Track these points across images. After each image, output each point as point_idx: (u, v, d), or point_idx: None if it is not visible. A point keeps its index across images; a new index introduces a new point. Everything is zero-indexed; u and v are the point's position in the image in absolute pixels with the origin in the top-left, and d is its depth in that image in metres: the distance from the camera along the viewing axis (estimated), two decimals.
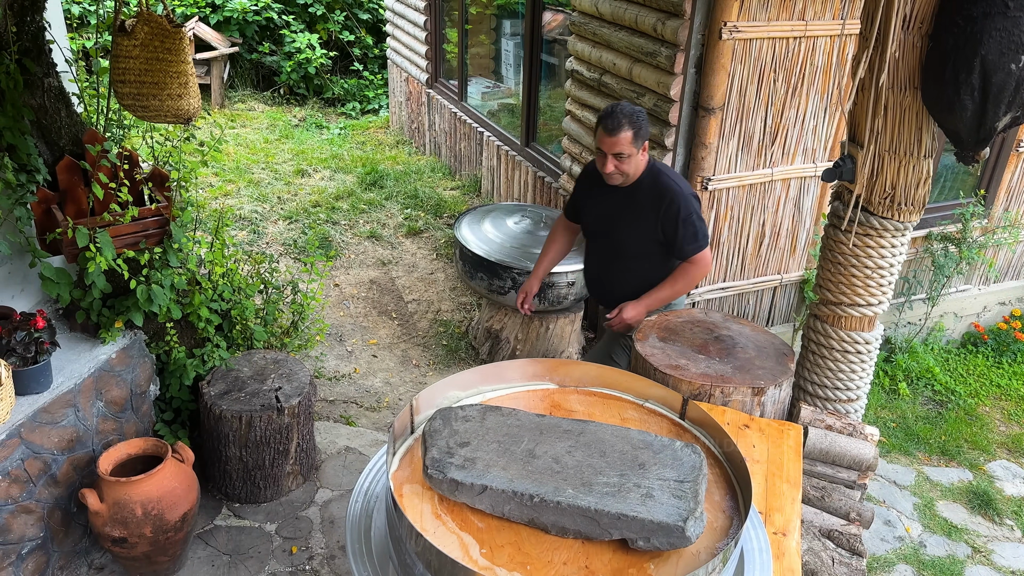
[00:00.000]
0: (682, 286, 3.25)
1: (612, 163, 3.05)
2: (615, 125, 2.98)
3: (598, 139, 3.05)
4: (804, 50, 3.99)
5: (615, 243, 3.31)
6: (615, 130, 2.99)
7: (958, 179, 5.14)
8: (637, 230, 3.24)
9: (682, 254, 3.22)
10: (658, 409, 2.13)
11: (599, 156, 3.09)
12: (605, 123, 3.00)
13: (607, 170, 3.07)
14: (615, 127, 2.98)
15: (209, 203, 6.48)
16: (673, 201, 3.13)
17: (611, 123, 2.98)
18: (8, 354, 2.88)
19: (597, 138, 3.06)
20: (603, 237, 3.36)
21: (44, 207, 3.10)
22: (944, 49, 2.46)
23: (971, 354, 5.28)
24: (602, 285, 3.49)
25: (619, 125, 2.98)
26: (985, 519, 3.95)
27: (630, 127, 2.99)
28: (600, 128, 3.03)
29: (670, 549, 1.63)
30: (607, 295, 3.47)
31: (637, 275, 3.34)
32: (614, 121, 2.98)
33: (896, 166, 2.77)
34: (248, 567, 3.30)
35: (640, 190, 3.18)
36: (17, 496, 2.85)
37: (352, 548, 1.75)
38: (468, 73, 7.15)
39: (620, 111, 2.99)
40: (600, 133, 3.03)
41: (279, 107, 9.44)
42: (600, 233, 3.37)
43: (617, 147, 3.01)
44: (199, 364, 3.58)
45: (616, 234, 3.29)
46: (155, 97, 2.90)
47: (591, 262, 3.51)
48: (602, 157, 3.07)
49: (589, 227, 3.45)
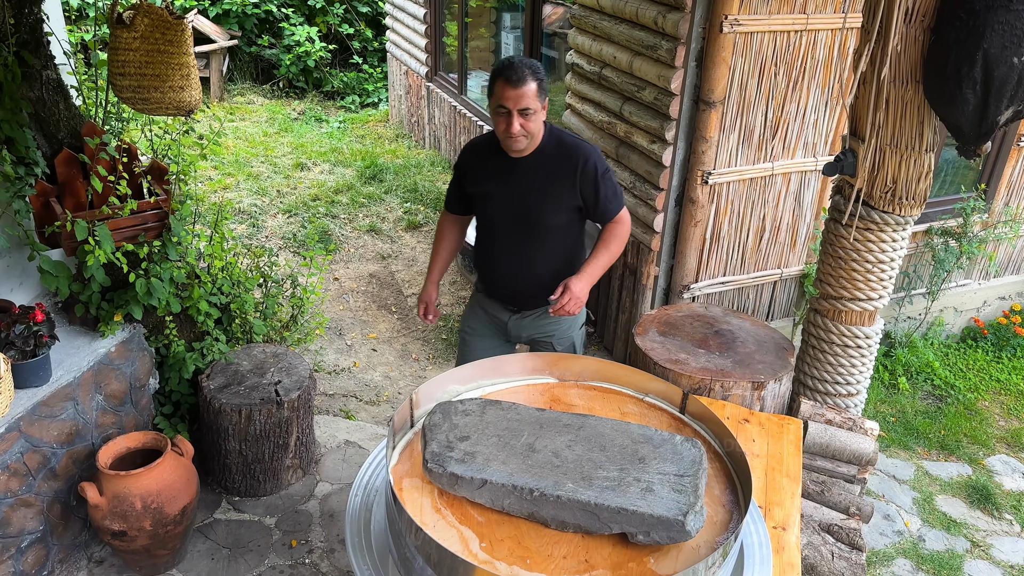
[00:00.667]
0: (616, 248, 2.90)
1: (518, 121, 2.63)
2: (519, 76, 2.59)
3: (499, 95, 2.62)
4: (805, 44, 3.98)
5: (530, 222, 2.88)
6: (520, 81, 2.59)
7: (959, 173, 5.13)
8: (555, 200, 2.85)
9: (606, 214, 2.88)
10: (658, 403, 2.13)
11: (500, 117, 2.66)
12: (507, 75, 2.59)
13: (513, 130, 2.65)
14: (520, 78, 2.58)
15: (208, 196, 6.47)
16: (588, 158, 2.80)
17: (514, 74, 2.58)
18: (7, 347, 2.88)
19: (497, 95, 2.64)
20: (512, 221, 2.91)
21: (43, 200, 3.09)
22: (946, 43, 2.46)
23: (971, 349, 5.28)
24: (516, 280, 3.01)
25: (523, 75, 2.59)
26: (984, 513, 3.95)
27: (533, 78, 2.61)
28: (501, 81, 2.61)
29: (670, 543, 1.63)
30: (523, 290, 3.02)
31: (558, 254, 2.97)
32: (517, 72, 2.59)
33: (897, 160, 2.76)
34: (248, 560, 3.30)
35: (545, 154, 2.81)
36: (16, 489, 2.85)
37: (352, 542, 1.75)
38: (468, 66, 7.14)
39: (521, 62, 2.63)
40: (501, 87, 2.61)
41: (278, 100, 9.42)
42: (508, 217, 2.91)
43: (524, 100, 2.60)
44: (198, 358, 3.58)
45: (530, 211, 2.87)
46: (156, 89, 2.88)
47: (496, 256, 3.01)
48: (504, 117, 2.65)
49: (490, 214, 2.96)
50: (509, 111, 2.62)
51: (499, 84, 2.62)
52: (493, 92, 2.66)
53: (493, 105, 2.67)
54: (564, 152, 2.80)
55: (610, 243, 2.88)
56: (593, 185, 2.81)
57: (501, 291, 3.08)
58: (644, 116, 4.19)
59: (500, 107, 2.64)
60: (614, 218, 2.89)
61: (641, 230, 4.37)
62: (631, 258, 4.51)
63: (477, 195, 2.97)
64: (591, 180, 2.81)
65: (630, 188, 4.40)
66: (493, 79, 2.66)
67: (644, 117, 4.18)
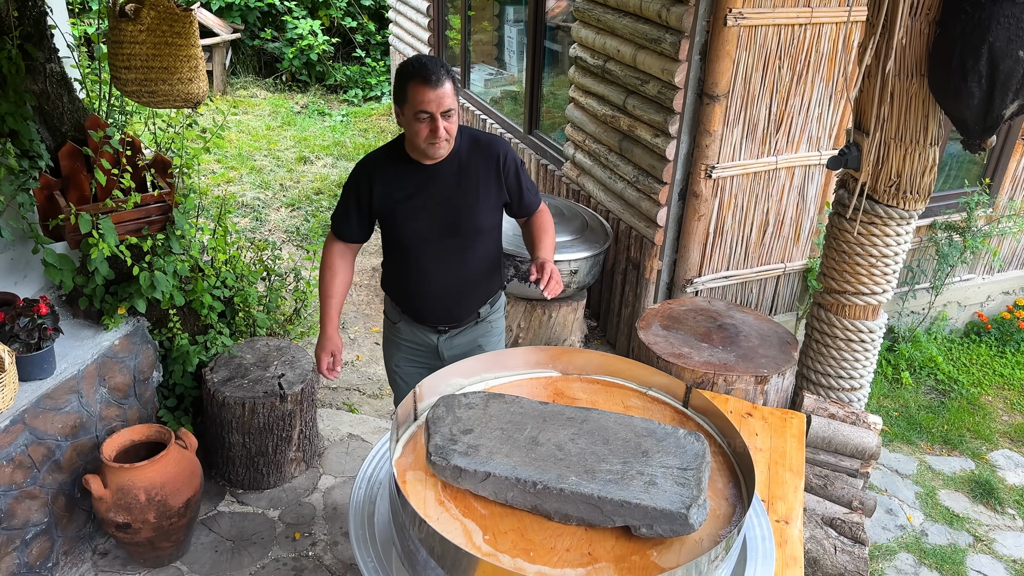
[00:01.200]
0: (553, 234, 2.73)
1: (443, 124, 2.39)
2: (437, 76, 2.34)
3: (417, 99, 2.36)
4: (809, 37, 3.96)
5: (461, 231, 2.63)
6: (439, 81, 2.35)
7: (963, 168, 5.12)
8: (485, 199, 2.63)
9: (531, 206, 2.74)
10: (661, 397, 2.13)
11: (421, 124, 2.40)
12: (424, 76, 2.34)
13: (440, 135, 2.40)
14: (438, 78, 2.34)
15: (211, 190, 6.47)
16: (507, 151, 2.64)
17: (432, 74, 2.34)
18: (11, 340, 2.88)
19: (414, 99, 2.36)
20: (440, 233, 2.62)
21: (46, 193, 3.10)
22: (951, 36, 2.45)
23: (974, 343, 5.27)
24: (452, 295, 2.73)
25: (440, 75, 2.35)
26: (987, 508, 3.95)
27: (448, 76, 2.38)
28: (417, 84, 2.35)
29: (673, 536, 1.63)
30: (460, 304, 2.78)
31: (491, 259, 2.77)
32: (434, 72, 2.34)
33: (902, 154, 2.75)
34: (251, 553, 3.31)
35: (463, 155, 2.59)
36: (21, 482, 2.86)
37: (355, 534, 1.75)
38: (471, 60, 7.12)
39: (432, 60, 2.39)
40: (419, 90, 2.35)
41: (281, 94, 9.41)
42: (435, 230, 2.62)
43: (445, 101, 2.37)
44: (202, 351, 3.58)
45: (460, 219, 2.62)
46: (165, 82, 2.88)
47: (427, 275, 2.68)
48: (426, 123, 2.39)
49: (411, 232, 2.63)
50: (431, 115, 2.38)
51: (415, 87, 2.36)
52: (407, 97, 2.39)
53: (409, 112, 2.40)
54: (482, 149, 2.62)
55: (549, 229, 2.71)
56: (516, 178, 2.67)
57: (433, 312, 2.77)
58: (648, 110, 4.18)
59: (421, 112, 2.37)
60: (539, 208, 2.77)
61: (644, 224, 4.36)
62: (634, 252, 4.51)
63: (391, 214, 2.62)
64: (513, 173, 2.66)
65: (633, 182, 4.40)
66: (405, 81, 2.39)
67: (648, 111, 4.17)
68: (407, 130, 2.47)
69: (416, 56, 2.44)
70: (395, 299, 2.86)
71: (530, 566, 1.55)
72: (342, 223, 2.70)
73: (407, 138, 2.51)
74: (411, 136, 2.46)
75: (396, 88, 2.45)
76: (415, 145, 2.47)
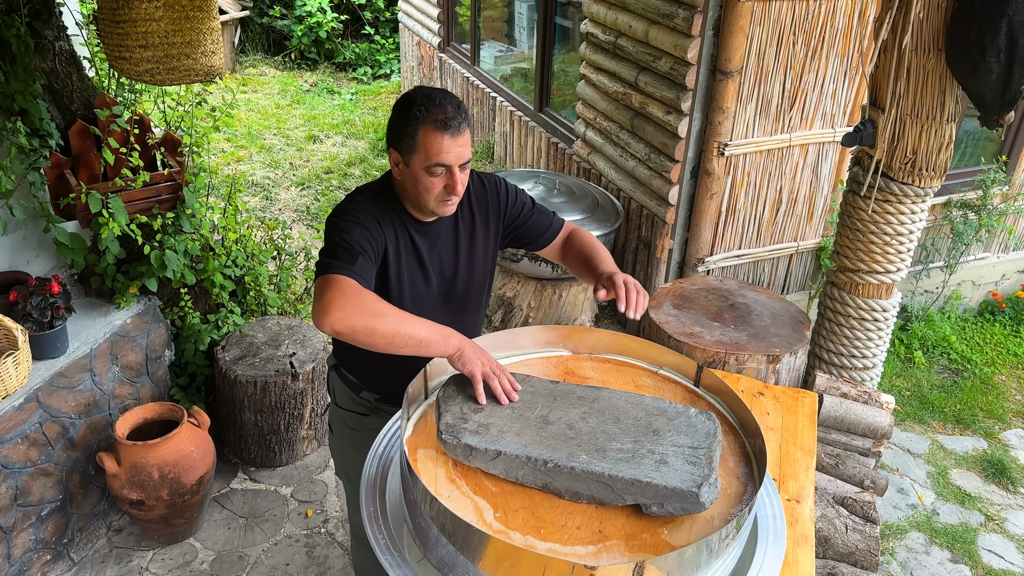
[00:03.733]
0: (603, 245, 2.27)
1: (461, 179, 1.99)
2: (458, 121, 1.94)
3: (435, 150, 1.93)
4: (824, 11, 3.90)
5: (457, 298, 2.25)
6: (460, 127, 1.95)
7: (979, 145, 5.05)
8: (482, 257, 2.25)
9: (552, 227, 2.30)
10: (672, 376, 2.12)
11: (434, 178, 1.96)
12: (443, 121, 1.92)
13: (458, 191, 1.99)
14: (459, 123, 1.94)
15: (221, 169, 6.47)
16: (504, 184, 2.26)
17: (453, 119, 1.93)
18: (24, 319, 2.90)
19: (431, 149, 1.93)
20: (434, 303, 2.20)
21: (57, 172, 3.10)
22: (970, 9, 2.40)
23: (988, 323, 5.23)
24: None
25: (461, 120, 1.95)
26: (999, 487, 3.94)
27: (466, 119, 1.98)
28: (435, 132, 1.92)
29: (684, 515, 1.63)
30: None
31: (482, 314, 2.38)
32: (455, 116, 1.93)
33: (918, 131, 2.71)
34: (264, 529, 3.34)
35: (463, 203, 2.19)
36: (36, 459, 2.89)
37: (367, 511, 1.76)
38: (481, 37, 7.06)
39: (450, 101, 1.95)
40: (435, 138, 1.92)
41: (290, 72, 9.37)
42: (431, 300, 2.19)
43: (466, 152, 1.98)
44: (213, 330, 3.60)
45: (457, 285, 2.23)
46: (188, 57, 2.84)
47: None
48: (442, 177, 1.97)
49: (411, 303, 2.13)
50: (449, 167, 1.96)
51: (430, 134, 1.92)
52: (417, 145, 1.94)
53: (419, 163, 1.95)
54: (480, 188, 2.22)
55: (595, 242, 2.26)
56: (520, 204, 2.26)
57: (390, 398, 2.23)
58: (660, 86, 4.13)
59: (436, 166, 1.94)
60: (564, 226, 2.32)
61: (656, 203, 4.33)
62: (646, 231, 4.49)
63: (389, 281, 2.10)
64: (515, 201, 2.25)
65: (644, 160, 4.36)
66: (413, 125, 1.93)
67: (660, 87, 4.13)
68: (410, 183, 2.01)
69: (424, 90, 1.97)
70: (370, 385, 2.29)
71: (541, 543, 1.55)
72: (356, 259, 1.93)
73: (408, 191, 2.05)
74: (417, 191, 2.01)
75: (398, 130, 1.97)
76: (420, 202, 2.03)
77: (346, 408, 2.37)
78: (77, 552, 3.13)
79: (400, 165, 2.01)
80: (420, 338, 1.85)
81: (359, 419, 2.34)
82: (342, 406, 2.38)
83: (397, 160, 2.02)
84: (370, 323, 1.81)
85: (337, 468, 2.63)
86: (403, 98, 1.98)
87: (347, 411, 2.37)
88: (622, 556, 1.55)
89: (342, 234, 1.97)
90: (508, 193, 2.25)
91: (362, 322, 1.80)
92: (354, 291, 1.84)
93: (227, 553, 3.23)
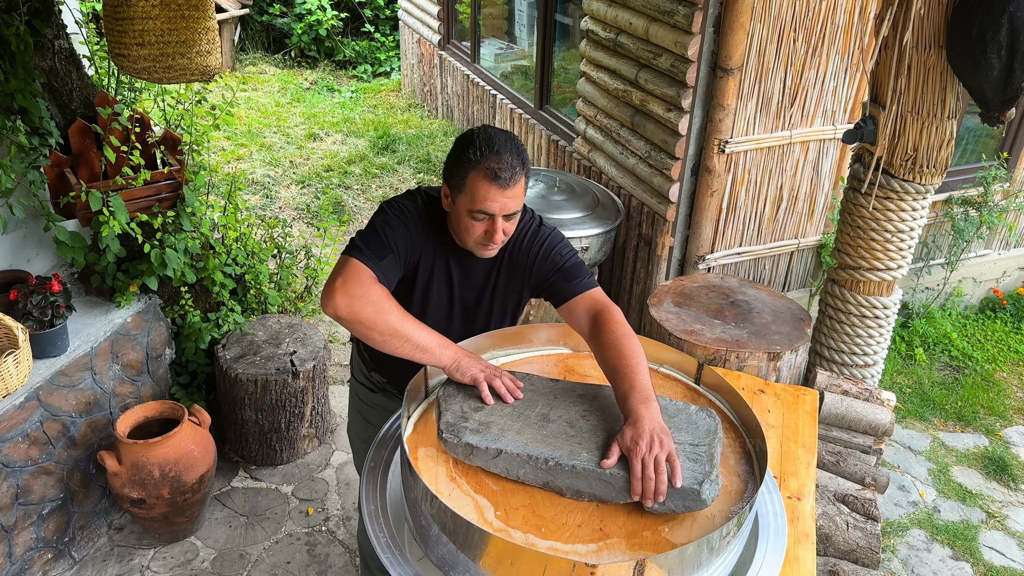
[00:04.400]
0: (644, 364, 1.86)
1: (503, 227, 1.95)
2: (512, 172, 1.88)
3: (481, 196, 1.88)
4: (825, 8, 3.89)
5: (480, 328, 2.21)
6: (512, 179, 1.88)
7: (980, 142, 5.05)
8: (513, 303, 2.25)
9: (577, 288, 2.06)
10: (673, 374, 2.11)
11: (476, 222, 1.93)
12: (496, 172, 1.86)
13: (496, 239, 1.96)
14: (512, 175, 1.88)
15: (221, 167, 6.47)
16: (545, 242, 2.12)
17: (505, 170, 1.86)
18: (25, 318, 2.90)
19: (476, 195, 1.89)
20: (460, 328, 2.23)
21: (57, 171, 3.10)
22: (971, 6, 2.40)
23: (989, 319, 5.23)
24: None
25: (515, 171, 1.88)
26: (1000, 485, 3.94)
27: (523, 169, 1.91)
28: (485, 180, 1.87)
29: (685, 512, 1.63)
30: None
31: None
32: (509, 167, 1.87)
33: (919, 127, 2.71)
34: (265, 528, 3.34)
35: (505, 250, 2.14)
36: (37, 457, 2.89)
37: (367, 510, 1.76)
38: (481, 34, 7.05)
39: (509, 148, 1.89)
40: (485, 187, 1.87)
41: (290, 70, 9.36)
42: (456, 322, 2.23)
43: (513, 204, 1.92)
44: (214, 328, 3.60)
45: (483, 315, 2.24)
46: (183, 56, 2.85)
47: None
48: (484, 223, 1.94)
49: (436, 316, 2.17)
50: (492, 216, 1.92)
51: (480, 182, 1.87)
52: (466, 187, 1.90)
53: (463, 205, 1.92)
54: (520, 243, 2.12)
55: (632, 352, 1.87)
56: (549, 263, 2.10)
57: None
58: (660, 84, 4.13)
59: (480, 212, 1.90)
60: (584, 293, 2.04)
61: (656, 200, 4.33)
62: (646, 228, 4.48)
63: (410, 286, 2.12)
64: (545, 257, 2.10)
65: (645, 158, 4.36)
66: (465, 167, 1.89)
67: (660, 85, 4.12)
68: (454, 219, 1.99)
69: (486, 133, 1.91)
70: (379, 368, 2.36)
71: (542, 542, 1.55)
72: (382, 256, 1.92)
73: (452, 223, 2.03)
74: (459, 229, 2.00)
75: (452, 167, 1.94)
76: (461, 239, 2.03)
77: (359, 381, 2.47)
78: (78, 551, 3.13)
79: (448, 199, 2.00)
80: (417, 342, 1.85)
81: (369, 394, 2.44)
82: (356, 378, 2.48)
83: (447, 194, 2.00)
84: (372, 316, 1.82)
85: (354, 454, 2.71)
86: (464, 136, 1.95)
87: (360, 384, 2.47)
88: (623, 554, 1.55)
89: (385, 226, 1.97)
90: (541, 251, 2.11)
91: (366, 313, 1.82)
92: (368, 281, 1.85)
93: (228, 551, 3.23)
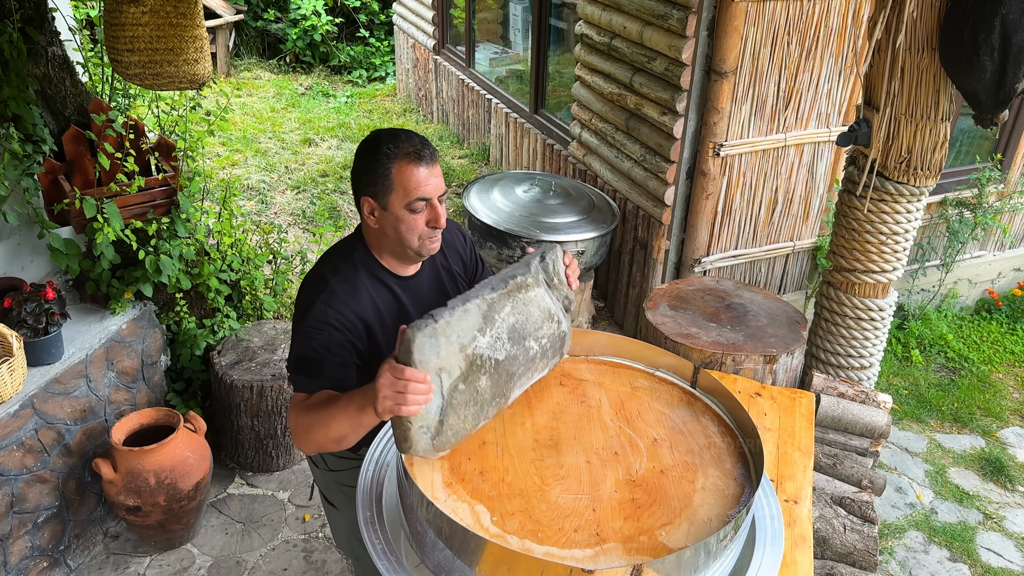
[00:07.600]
0: None
1: (442, 210, 1.95)
2: (431, 151, 1.91)
3: (414, 183, 1.87)
4: (819, 11, 3.90)
5: None
6: (433, 157, 1.91)
7: (974, 143, 5.06)
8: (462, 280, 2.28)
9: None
10: (669, 378, 2.11)
11: (416, 215, 1.91)
12: (416, 153, 1.88)
13: (441, 223, 1.94)
14: (432, 153, 1.91)
15: (216, 173, 6.46)
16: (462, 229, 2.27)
17: (425, 149, 1.89)
18: (19, 325, 2.89)
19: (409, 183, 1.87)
20: None
21: (51, 178, 3.09)
22: (963, 8, 2.40)
23: (985, 321, 5.24)
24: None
25: (432, 150, 1.92)
26: (997, 486, 3.94)
27: (435, 151, 1.95)
28: (406, 164, 1.87)
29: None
30: None
31: None
32: (426, 147, 1.90)
33: (912, 130, 2.72)
34: (261, 535, 3.33)
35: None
36: (32, 465, 2.88)
37: (363, 516, 1.75)
38: (476, 39, 7.06)
39: (413, 134, 1.92)
40: (411, 172, 1.87)
41: (285, 75, 9.36)
42: None
43: (443, 182, 1.94)
44: (209, 334, 3.59)
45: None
46: (170, 64, 2.85)
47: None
48: (425, 211, 1.91)
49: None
50: (429, 200, 1.90)
51: (405, 169, 1.86)
52: (393, 184, 1.88)
53: (399, 201, 1.89)
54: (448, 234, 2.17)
55: None
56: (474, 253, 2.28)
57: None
58: (655, 87, 4.13)
59: (418, 200, 1.88)
60: None
61: (652, 203, 4.33)
62: (642, 232, 4.48)
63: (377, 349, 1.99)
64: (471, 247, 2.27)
65: (640, 161, 4.36)
66: (386, 164, 1.87)
67: (655, 88, 4.13)
68: (390, 228, 1.93)
69: (385, 130, 1.94)
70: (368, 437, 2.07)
71: (538, 547, 1.55)
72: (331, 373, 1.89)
73: (387, 239, 1.97)
74: (399, 234, 1.93)
75: (368, 174, 1.90)
76: (404, 245, 1.95)
77: (341, 469, 2.26)
78: (74, 559, 3.12)
79: (376, 212, 1.93)
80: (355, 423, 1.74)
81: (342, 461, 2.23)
82: (336, 468, 2.27)
83: (372, 208, 1.93)
84: (317, 441, 1.80)
85: (340, 543, 2.50)
86: (366, 141, 1.94)
87: (343, 471, 2.26)
88: (620, 559, 1.55)
89: (308, 341, 1.91)
90: (467, 237, 2.25)
91: (316, 443, 1.81)
92: (296, 416, 1.84)
93: (224, 558, 3.22)
